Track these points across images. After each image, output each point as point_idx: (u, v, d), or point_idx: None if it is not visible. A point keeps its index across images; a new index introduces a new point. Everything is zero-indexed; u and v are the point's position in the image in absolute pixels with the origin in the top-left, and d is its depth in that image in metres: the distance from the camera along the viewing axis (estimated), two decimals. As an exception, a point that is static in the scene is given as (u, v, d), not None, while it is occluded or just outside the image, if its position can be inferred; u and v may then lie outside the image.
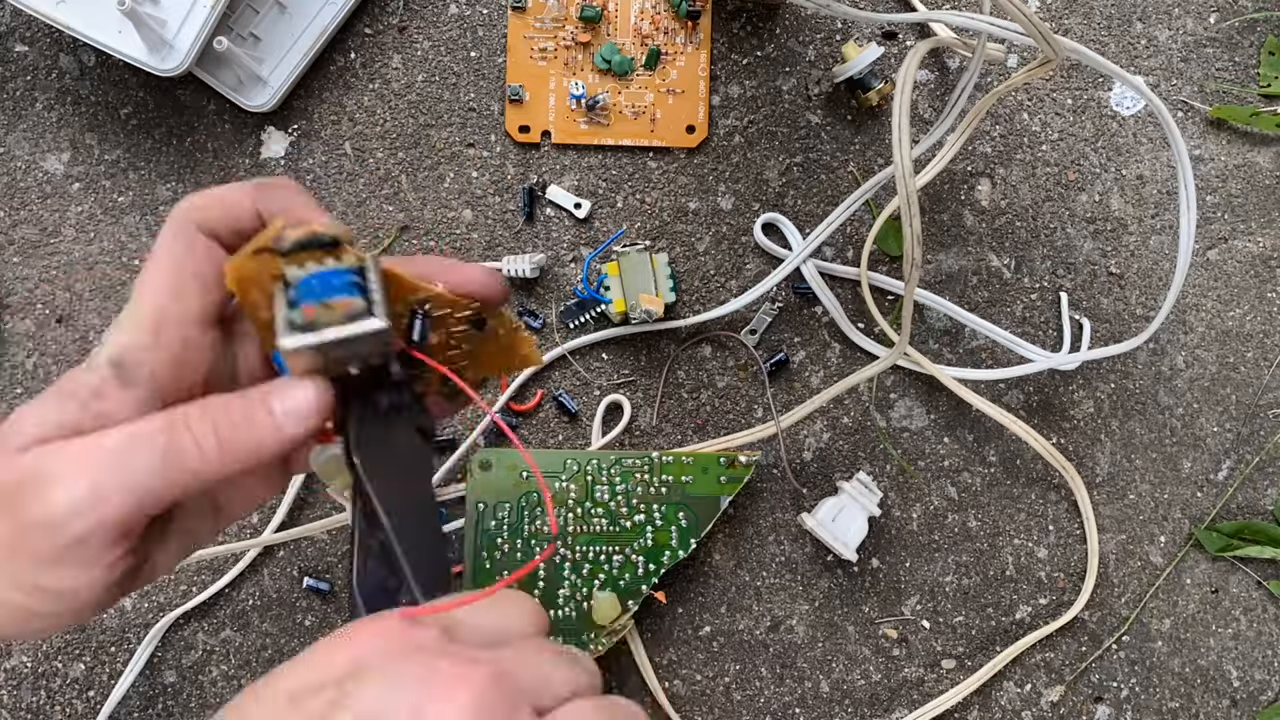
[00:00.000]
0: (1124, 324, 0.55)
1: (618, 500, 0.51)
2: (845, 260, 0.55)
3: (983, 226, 0.55)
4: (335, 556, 0.54)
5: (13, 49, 0.55)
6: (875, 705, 0.54)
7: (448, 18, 0.55)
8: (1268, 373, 0.56)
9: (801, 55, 0.55)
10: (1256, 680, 0.55)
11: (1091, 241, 0.55)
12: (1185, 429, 0.55)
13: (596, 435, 0.53)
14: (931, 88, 0.55)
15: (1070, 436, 0.55)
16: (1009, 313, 0.55)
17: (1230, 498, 0.55)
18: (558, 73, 0.54)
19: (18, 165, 0.54)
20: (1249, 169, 0.56)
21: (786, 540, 0.54)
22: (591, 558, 0.51)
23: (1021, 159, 0.56)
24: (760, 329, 0.54)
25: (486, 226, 0.54)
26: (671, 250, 0.55)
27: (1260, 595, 0.55)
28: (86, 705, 0.53)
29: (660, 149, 0.55)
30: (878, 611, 0.54)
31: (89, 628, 0.53)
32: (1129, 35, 0.56)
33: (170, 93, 0.55)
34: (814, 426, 0.55)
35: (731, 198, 0.55)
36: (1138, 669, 0.55)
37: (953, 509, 0.55)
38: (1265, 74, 0.56)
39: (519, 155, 0.55)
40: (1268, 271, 0.56)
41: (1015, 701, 0.55)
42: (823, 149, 0.55)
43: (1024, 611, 0.55)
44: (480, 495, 0.51)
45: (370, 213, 0.54)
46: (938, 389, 0.55)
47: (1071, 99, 0.56)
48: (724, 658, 0.54)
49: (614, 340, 0.54)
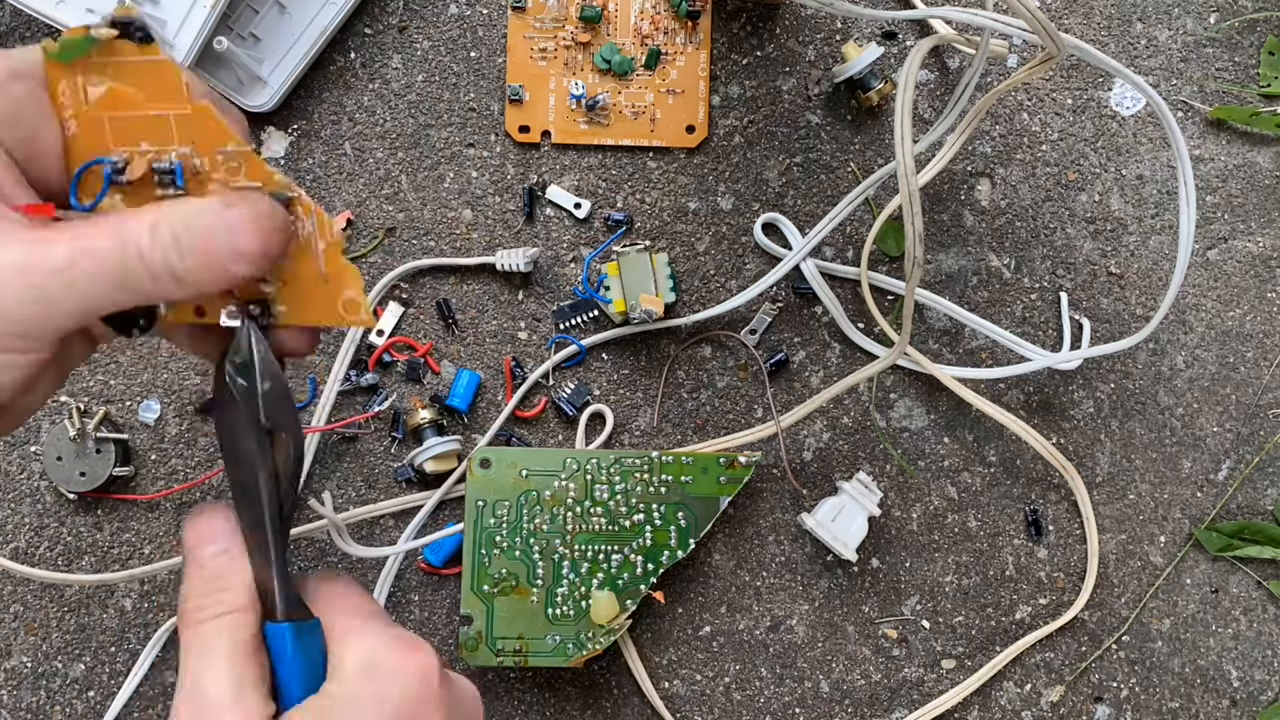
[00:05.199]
0: (1124, 324, 0.55)
1: (617, 500, 0.51)
2: (845, 260, 0.55)
3: (983, 226, 0.55)
4: (335, 556, 0.54)
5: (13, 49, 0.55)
6: (875, 705, 0.54)
7: (448, 18, 0.55)
8: (1268, 373, 0.56)
9: (801, 55, 0.55)
10: (1256, 680, 0.55)
11: (1091, 241, 0.55)
12: (1185, 429, 0.55)
13: (580, 443, 0.53)
14: (931, 87, 0.56)
15: (1070, 436, 0.55)
16: (1009, 312, 0.55)
17: (1230, 498, 0.55)
18: (558, 73, 0.54)
19: (18, 165, 0.54)
20: (1249, 169, 0.56)
21: (786, 540, 0.54)
22: (590, 557, 0.51)
23: (1021, 159, 0.56)
24: (760, 329, 0.54)
25: (486, 226, 0.54)
26: (671, 250, 0.55)
27: (1260, 595, 0.55)
28: (86, 705, 0.53)
29: (660, 149, 0.55)
30: (878, 611, 0.54)
31: (89, 628, 0.53)
32: (1129, 35, 0.56)
33: (170, 93, 0.54)
34: (814, 426, 0.55)
35: (731, 198, 0.55)
36: (1138, 669, 0.55)
37: (953, 509, 0.55)
38: (1265, 74, 0.56)
39: (519, 155, 0.55)
40: (1268, 271, 0.56)
41: (1015, 701, 0.54)
42: (823, 149, 0.55)
43: (1024, 611, 0.55)
44: (479, 493, 0.51)
45: (370, 213, 0.54)
46: (938, 389, 0.55)
47: (1071, 99, 0.56)
48: (724, 658, 0.54)
49: (614, 340, 0.54)
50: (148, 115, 0.29)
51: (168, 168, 0.29)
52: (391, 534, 0.54)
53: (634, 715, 0.54)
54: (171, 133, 0.29)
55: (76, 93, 0.28)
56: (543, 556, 0.51)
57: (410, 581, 0.54)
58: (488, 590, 0.50)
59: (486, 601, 0.50)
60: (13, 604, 0.53)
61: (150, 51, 0.28)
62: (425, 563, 0.54)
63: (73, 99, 0.28)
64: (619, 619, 0.50)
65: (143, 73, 0.28)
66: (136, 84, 0.28)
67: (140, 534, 0.54)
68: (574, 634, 0.50)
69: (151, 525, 0.54)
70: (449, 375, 0.54)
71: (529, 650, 0.50)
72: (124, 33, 0.28)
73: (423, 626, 0.54)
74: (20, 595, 0.53)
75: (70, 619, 0.53)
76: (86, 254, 0.26)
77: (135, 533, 0.54)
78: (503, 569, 0.50)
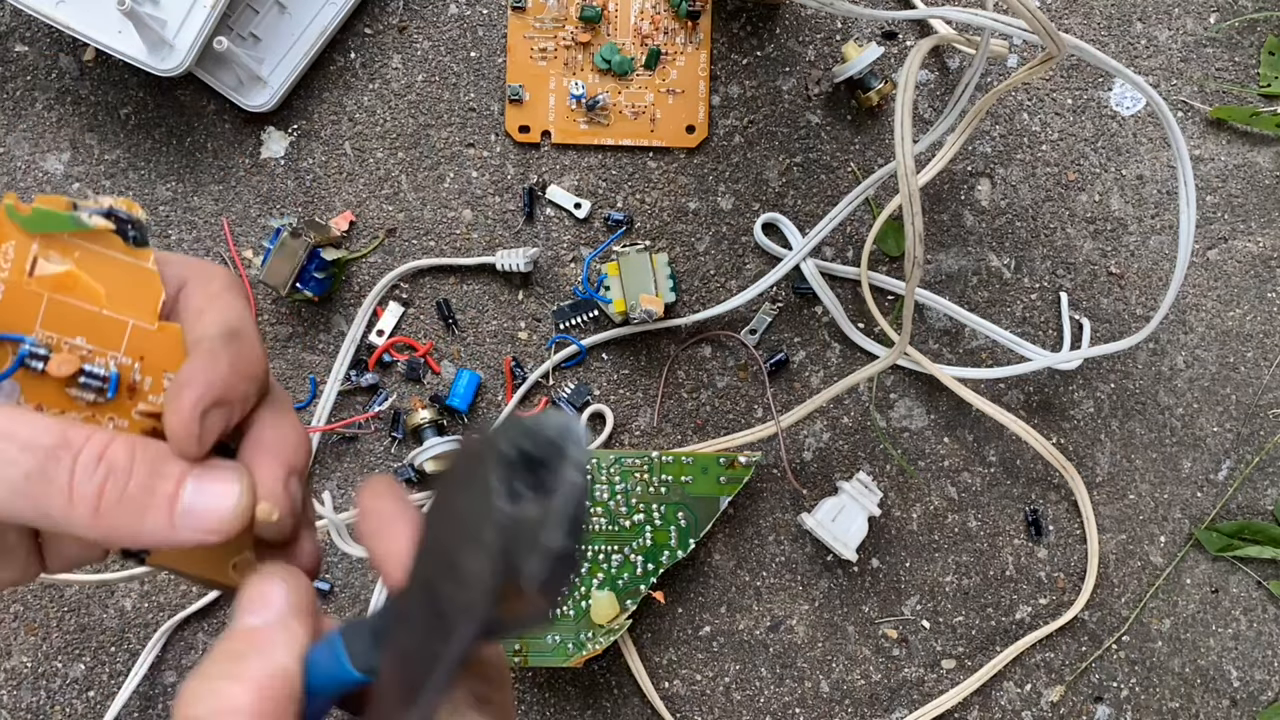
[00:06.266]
0: (1124, 324, 0.55)
1: (617, 500, 0.51)
2: (845, 260, 0.55)
3: (983, 226, 0.55)
4: (335, 557, 0.54)
5: (13, 49, 0.55)
6: (875, 705, 0.54)
7: (448, 18, 0.55)
8: (1268, 373, 0.56)
9: (801, 55, 0.55)
10: (1256, 680, 0.55)
11: (1091, 241, 0.55)
12: (1185, 429, 0.55)
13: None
14: (931, 88, 0.56)
15: (1070, 436, 0.55)
16: (1009, 312, 0.55)
17: (1230, 498, 0.55)
18: (558, 73, 0.54)
19: (18, 165, 0.54)
20: (1249, 169, 0.56)
21: (786, 540, 0.54)
22: (590, 557, 0.51)
23: (1021, 159, 0.56)
24: (760, 329, 0.54)
25: (486, 226, 0.54)
26: (671, 250, 0.55)
27: (1260, 595, 0.55)
28: (86, 705, 0.53)
29: (660, 149, 0.55)
30: (878, 611, 0.54)
31: (89, 628, 0.53)
32: (1129, 35, 0.56)
33: (170, 93, 0.55)
34: (814, 426, 0.55)
35: (731, 198, 0.55)
36: (1138, 669, 0.55)
37: (953, 509, 0.55)
38: (1265, 74, 0.56)
39: (519, 155, 0.55)
40: (1268, 271, 0.56)
41: (1015, 701, 0.54)
42: (823, 149, 0.55)
43: (1024, 611, 0.55)
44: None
45: (370, 213, 0.54)
46: (938, 389, 0.55)
47: (1071, 99, 0.56)
48: (724, 658, 0.54)
49: (614, 340, 0.54)
50: (99, 313, 0.24)
51: (102, 374, 0.24)
52: (391, 534, 0.54)
53: (634, 715, 0.54)
54: (121, 339, 0.25)
55: (22, 260, 0.24)
56: (543, 556, 0.50)
57: (410, 581, 0.54)
58: (488, 590, 0.50)
59: (486, 601, 0.50)
60: (13, 604, 0.53)
61: (140, 257, 0.25)
62: (425, 563, 0.53)
63: (15, 265, 0.24)
64: (619, 619, 0.50)
65: (118, 272, 0.25)
66: (104, 279, 0.24)
67: (140, 534, 0.54)
68: (574, 634, 0.50)
69: (151, 525, 0.53)
70: (449, 375, 0.54)
71: (529, 650, 0.50)
72: (118, 229, 0.24)
73: (423, 626, 0.54)
74: (20, 595, 0.53)
75: (70, 619, 0.53)
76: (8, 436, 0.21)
77: (135, 533, 0.54)
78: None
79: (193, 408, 0.23)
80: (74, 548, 0.27)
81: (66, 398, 0.24)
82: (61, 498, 0.22)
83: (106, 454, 0.22)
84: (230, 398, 0.24)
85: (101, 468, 0.22)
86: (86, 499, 0.22)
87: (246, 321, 0.25)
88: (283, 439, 0.25)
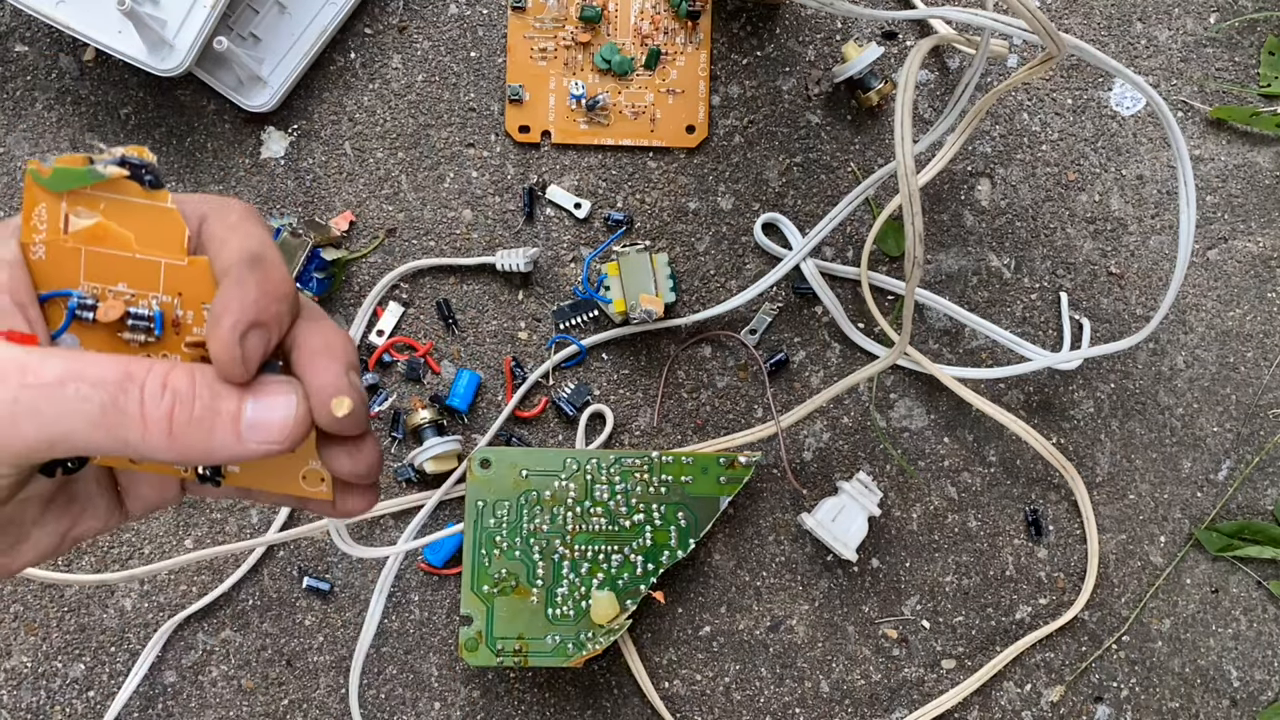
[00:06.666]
0: (1124, 324, 0.55)
1: (617, 500, 0.51)
2: (845, 260, 0.55)
3: (983, 226, 0.56)
4: (335, 556, 0.54)
5: (13, 49, 0.55)
6: (875, 705, 0.54)
7: (448, 18, 0.55)
8: (1268, 373, 0.56)
9: (801, 55, 0.55)
10: (1256, 680, 0.55)
11: (1091, 241, 0.55)
12: (1185, 429, 0.55)
13: (580, 444, 0.54)
14: (931, 88, 0.56)
15: (1070, 436, 0.55)
16: (1009, 313, 0.55)
17: (1230, 498, 0.55)
18: (558, 73, 0.54)
19: (18, 165, 0.54)
20: (1249, 169, 0.56)
21: (786, 540, 0.54)
22: (590, 557, 0.51)
23: (1021, 159, 0.56)
24: (760, 329, 0.54)
25: (486, 226, 0.54)
26: (671, 250, 0.55)
27: (1260, 595, 0.55)
28: (86, 705, 0.53)
29: (660, 149, 0.55)
30: (878, 611, 0.54)
31: (89, 628, 0.53)
32: (1129, 35, 0.56)
33: (170, 93, 0.55)
34: (814, 426, 0.55)
35: (731, 198, 0.55)
36: (1138, 669, 0.55)
37: (953, 509, 0.55)
38: (1265, 74, 0.56)
39: (519, 155, 0.55)
40: (1268, 271, 0.56)
41: (1015, 701, 0.54)
42: (823, 149, 0.55)
43: (1024, 611, 0.55)
44: (480, 494, 0.51)
45: (370, 213, 0.54)
46: (938, 389, 0.55)
47: (1071, 99, 0.56)
48: (724, 658, 0.54)
49: (614, 340, 0.54)
50: (133, 257, 0.26)
51: (146, 314, 0.26)
52: (391, 534, 0.54)
53: (634, 715, 0.54)
54: (158, 279, 0.26)
55: (56, 219, 0.26)
56: (543, 556, 0.51)
57: (410, 581, 0.54)
58: (488, 590, 0.50)
59: (486, 601, 0.50)
60: (13, 604, 0.53)
61: (158, 198, 0.26)
62: (425, 563, 0.54)
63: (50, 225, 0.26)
64: (619, 619, 0.50)
65: (142, 216, 0.26)
66: (131, 225, 0.26)
67: (140, 534, 0.54)
68: (574, 634, 0.50)
69: (151, 525, 0.54)
70: (449, 375, 0.54)
71: (529, 650, 0.50)
72: (133, 174, 0.26)
73: (423, 626, 0.54)
74: (20, 595, 0.53)
75: (70, 619, 0.53)
76: (79, 377, 0.23)
77: (135, 532, 0.54)
78: (503, 569, 0.50)
79: (230, 332, 0.24)
80: (151, 491, 0.29)
81: (120, 342, 0.27)
82: (136, 425, 0.24)
83: (169, 381, 0.24)
84: (264, 319, 0.25)
85: (167, 394, 0.24)
86: (159, 422, 0.24)
87: (268, 246, 0.26)
88: (328, 342, 0.26)
